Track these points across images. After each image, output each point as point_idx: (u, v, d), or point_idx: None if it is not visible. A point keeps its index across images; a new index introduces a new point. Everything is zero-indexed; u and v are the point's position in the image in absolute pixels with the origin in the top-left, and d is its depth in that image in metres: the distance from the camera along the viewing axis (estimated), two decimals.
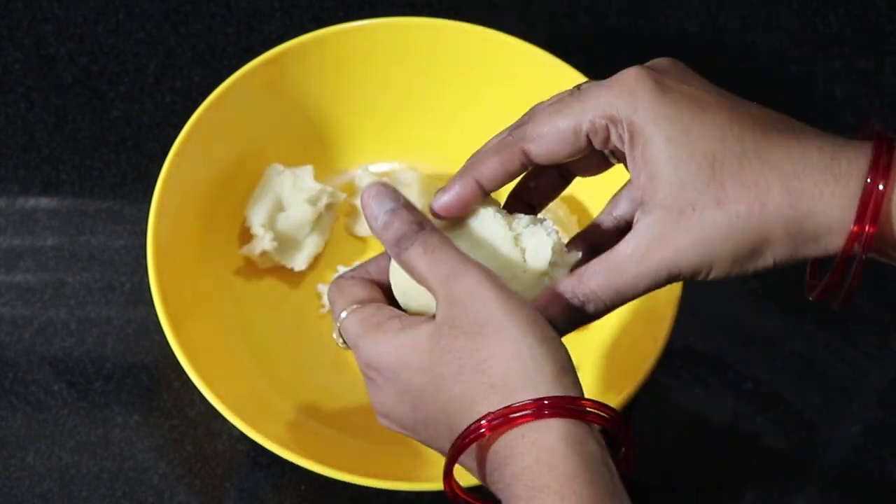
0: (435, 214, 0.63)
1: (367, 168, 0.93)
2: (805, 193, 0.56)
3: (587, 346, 0.87)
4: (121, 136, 0.98)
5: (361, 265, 0.66)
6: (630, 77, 0.58)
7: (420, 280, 0.60)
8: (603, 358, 0.85)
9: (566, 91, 0.61)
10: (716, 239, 0.57)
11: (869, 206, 0.56)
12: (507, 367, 0.57)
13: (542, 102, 0.62)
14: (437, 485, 0.77)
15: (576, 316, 0.61)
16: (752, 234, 0.57)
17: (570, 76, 0.88)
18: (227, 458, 0.86)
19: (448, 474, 0.59)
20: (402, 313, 0.62)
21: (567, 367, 0.58)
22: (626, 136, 0.58)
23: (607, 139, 0.59)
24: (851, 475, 0.87)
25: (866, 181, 0.56)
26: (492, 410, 0.56)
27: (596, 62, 0.91)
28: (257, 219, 0.89)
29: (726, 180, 0.56)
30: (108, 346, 0.90)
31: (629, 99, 0.58)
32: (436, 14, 0.93)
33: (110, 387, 0.88)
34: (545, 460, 0.55)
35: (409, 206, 0.61)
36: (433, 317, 0.59)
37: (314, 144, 0.94)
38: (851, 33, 1.04)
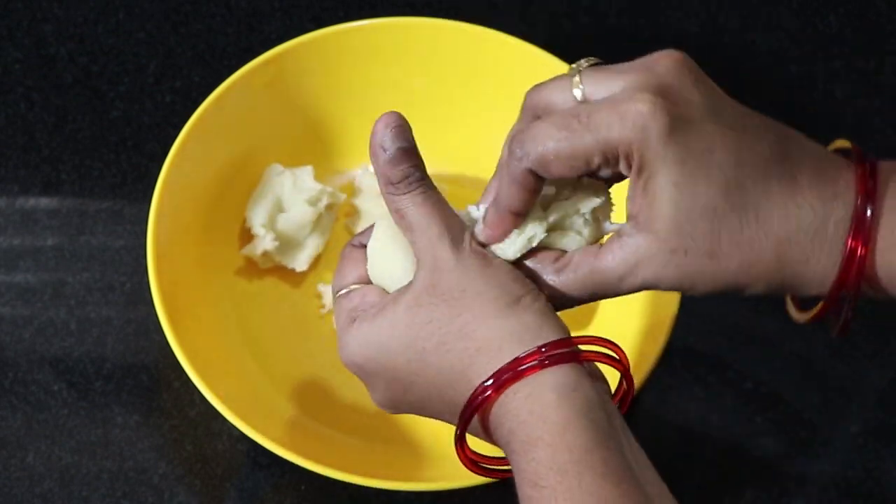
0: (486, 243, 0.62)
1: (367, 168, 0.93)
2: (793, 260, 0.58)
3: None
4: (121, 136, 0.98)
5: (367, 230, 0.65)
6: (644, 110, 0.57)
7: (406, 229, 0.60)
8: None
9: (566, 82, 0.60)
10: (700, 280, 0.59)
11: (850, 272, 0.58)
12: (490, 325, 0.57)
13: (538, 90, 0.62)
14: (438, 485, 0.77)
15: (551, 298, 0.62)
16: (737, 283, 0.59)
17: None
18: (227, 458, 0.86)
19: (459, 442, 0.59)
20: (382, 293, 0.62)
21: (547, 312, 0.58)
22: (634, 166, 0.58)
23: (614, 166, 0.59)
24: (851, 475, 0.87)
25: (848, 244, 0.58)
26: (484, 377, 0.57)
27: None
28: (258, 219, 0.89)
29: (723, 237, 0.58)
30: (107, 346, 0.90)
31: (641, 136, 0.57)
32: (436, 14, 0.93)
33: (110, 387, 0.88)
34: (538, 412, 0.55)
35: (418, 153, 0.61)
36: (409, 285, 0.60)
37: (314, 144, 0.94)
38: (851, 33, 1.04)
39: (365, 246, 0.64)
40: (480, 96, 0.93)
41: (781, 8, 1.05)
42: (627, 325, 0.85)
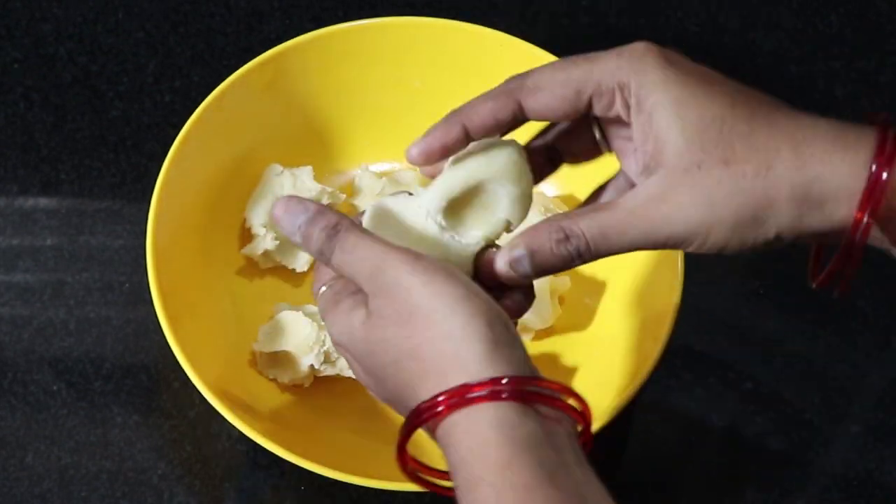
0: (413, 162, 0.61)
1: (367, 168, 0.93)
2: (814, 158, 0.56)
3: (587, 347, 0.87)
4: (120, 135, 0.98)
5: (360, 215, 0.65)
6: (639, 46, 0.58)
7: (354, 278, 0.59)
8: (603, 358, 0.85)
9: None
10: (719, 198, 0.56)
11: (880, 174, 0.55)
12: (439, 349, 0.55)
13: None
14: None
15: (558, 249, 0.59)
16: (756, 197, 0.56)
17: None
18: (227, 458, 0.86)
19: (399, 451, 0.58)
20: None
21: (502, 340, 0.55)
22: (632, 101, 0.57)
23: (611, 104, 0.58)
24: (851, 475, 0.87)
25: (875, 151, 0.55)
26: (424, 399, 0.55)
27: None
28: (258, 219, 0.88)
29: (735, 141, 0.56)
30: (107, 346, 0.89)
31: (639, 65, 0.57)
32: (436, 14, 0.92)
33: (109, 387, 0.88)
34: (477, 451, 0.54)
35: (320, 212, 0.60)
36: (365, 301, 0.59)
37: (314, 144, 0.94)
38: (851, 33, 1.04)
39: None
40: None
41: (781, 8, 1.05)
42: (628, 324, 0.85)
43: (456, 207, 0.63)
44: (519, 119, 0.61)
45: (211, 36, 1.02)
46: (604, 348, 0.86)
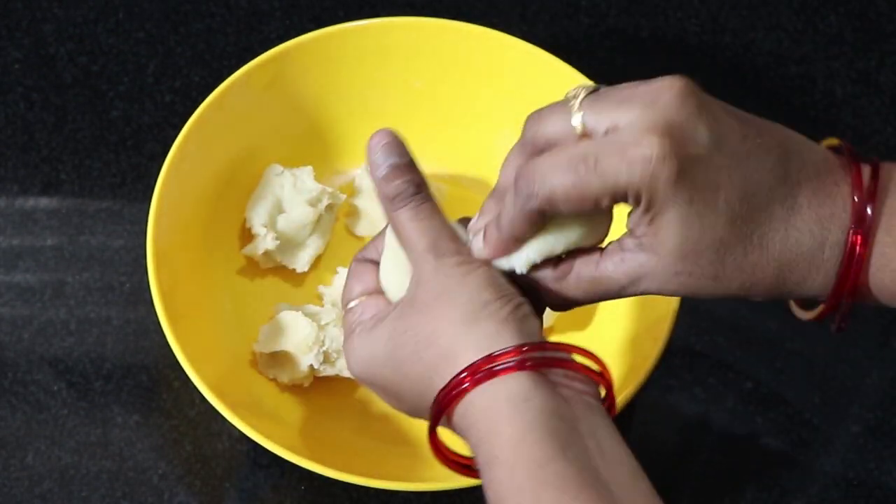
0: (486, 257, 0.62)
1: (368, 168, 0.93)
2: (791, 280, 0.60)
3: (587, 346, 0.87)
4: (120, 135, 0.98)
5: (371, 242, 0.67)
6: (651, 155, 0.57)
7: (403, 242, 0.62)
8: (603, 358, 0.85)
9: (566, 113, 0.60)
10: (701, 293, 0.61)
11: (843, 291, 0.61)
12: (453, 332, 0.58)
13: (538, 121, 0.62)
14: (437, 485, 0.77)
15: (550, 299, 0.63)
16: (735, 297, 0.61)
17: (570, 76, 0.88)
18: (227, 458, 0.86)
19: (431, 437, 0.60)
20: (384, 304, 0.64)
21: (510, 318, 0.58)
22: (642, 205, 0.58)
23: (622, 201, 0.60)
24: (851, 475, 0.87)
25: (843, 267, 0.60)
26: (442, 385, 0.57)
27: (596, 62, 0.91)
28: (258, 219, 0.88)
29: (727, 263, 0.59)
30: (107, 346, 0.89)
31: (650, 182, 0.57)
32: (436, 14, 0.92)
33: (110, 387, 0.88)
34: (493, 428, 0.55)
35: (412, 164, 0.63)
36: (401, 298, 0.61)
37: (314, 144, 0.94)
38: (851, 33, 1.04)
39: (370, 261, 0.66)
40: (480, 96, 0.93)
41: (781, 8, 1.05)
42: (627, 324, 0.85)
43: None
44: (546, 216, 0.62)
45: (211, 36, 1.02)
46: (604, 348, 0.86)
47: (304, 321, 0.84)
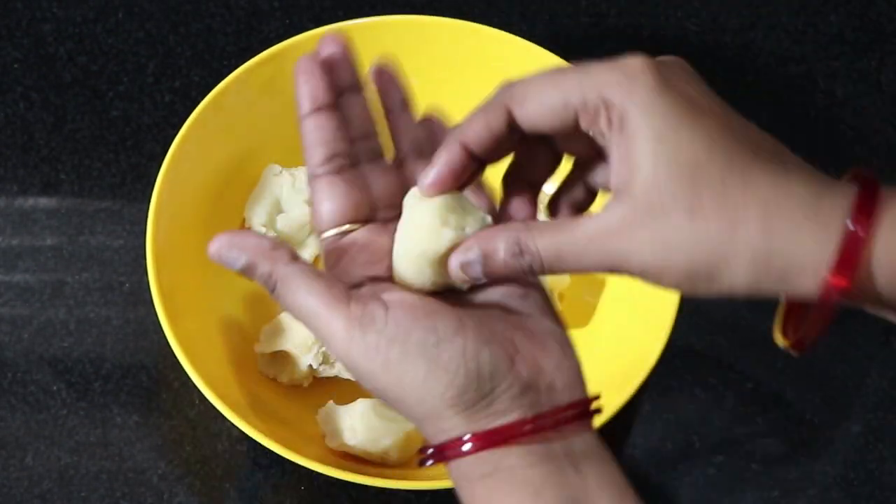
0: (427, 194, 0.59)
1: None
2: (782, 229, 0.54)
3: (587, 345, 0.87)
4: (120, 135, 0.98)
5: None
6: (635, 64, 0.56)
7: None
8: (602, 357, 0.85)
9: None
10: (675, 244, 0.54)
11: (849, 255, 0.53)
12: (422, 403, 0.57)
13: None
14: (437, 484, 0.77)
15: (512, 262, 0.58)
16: (714, 254, 0.54)
17: None
18: (227, 458, 0.86)
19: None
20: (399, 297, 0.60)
21: (460, 392, 0.56)
22: (615, 122, 0.56)
23: (595, 120, 0.57)
24: (852, 475, 0.86)
25: (847, 227, 0.53)
26: (427, 445, 0.58)
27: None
28: (257, 219, 0.88)
29: (704, 192, 0.54)
30: (107, 346, 0.89)
31: (629, 86, 0.55)
32: (436, 13, 0.92)
33: (109, 387, 0.88)
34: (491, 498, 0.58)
35: (253, 263, 0.62)
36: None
37: None
38: (851, 33, 1.04)
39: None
40: (480, 96, 0.92)
41: (781, 8, 1.05)
42: (627, 325, 0.85)
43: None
44: (513, 129, 0.59)
45: (211, 36, 1.02)
46: (603, 347, 0.86)
47: None
